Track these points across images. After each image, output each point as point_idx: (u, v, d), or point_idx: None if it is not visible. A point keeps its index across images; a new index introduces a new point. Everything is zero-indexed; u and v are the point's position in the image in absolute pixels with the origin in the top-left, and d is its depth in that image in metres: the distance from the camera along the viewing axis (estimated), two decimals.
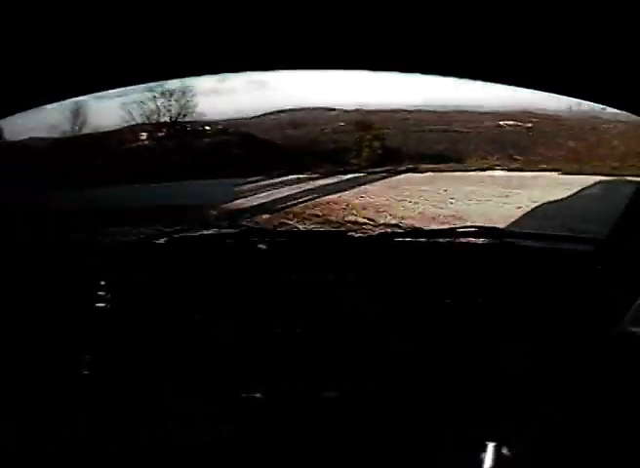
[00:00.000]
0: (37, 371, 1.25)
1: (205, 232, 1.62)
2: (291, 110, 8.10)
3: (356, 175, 6.98)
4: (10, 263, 1.37)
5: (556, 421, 1.11)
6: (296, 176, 6.91)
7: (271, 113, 8.16)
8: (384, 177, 6.74)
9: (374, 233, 1.58)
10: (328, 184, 6.60)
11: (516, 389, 1.21)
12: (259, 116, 8.16)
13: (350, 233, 1.61)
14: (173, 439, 1.15)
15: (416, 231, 1.56)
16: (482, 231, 1.50)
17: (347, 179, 6.84)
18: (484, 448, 1.08)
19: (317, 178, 6.86)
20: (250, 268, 1.45)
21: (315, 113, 8.01)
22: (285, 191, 6.26)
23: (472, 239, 1.50)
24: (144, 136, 8.20)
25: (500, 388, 1.23)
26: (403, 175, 6.70)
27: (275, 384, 1.28)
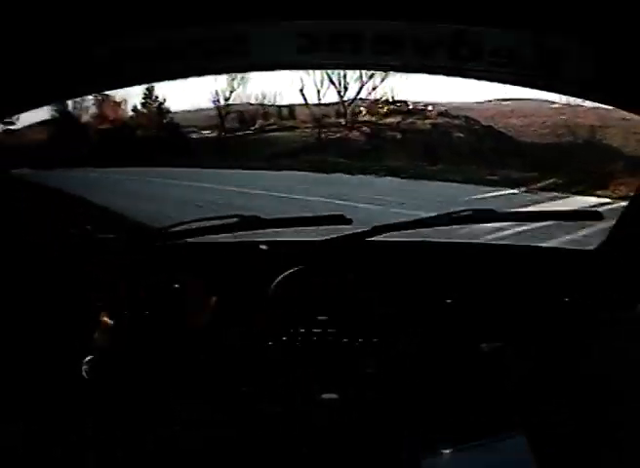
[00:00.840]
0: (43, 375, 1.26)
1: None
2: (513, 100, 7.49)
3: None
4: None
5: (558, 421, 1.12)
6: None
7: (493, 100, 7.58)
8: None
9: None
10: None
11: (519, 389, 1.22)
12: (481, 102, 7.57)
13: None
14: (178, 441, 1.17)
15: (414, 222, 1.51)
16: (476, 214, 1.46)
17: None
18: (484, 449, 1.09)
19: None
20: (250, 269, 1.45)
21: (535, 104, 7.27)
22: None
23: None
24: (363, 111, 7.75)
25: (502, 388, 1.25)
26: None
27: (277, 386, 1.29)
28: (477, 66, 1.25)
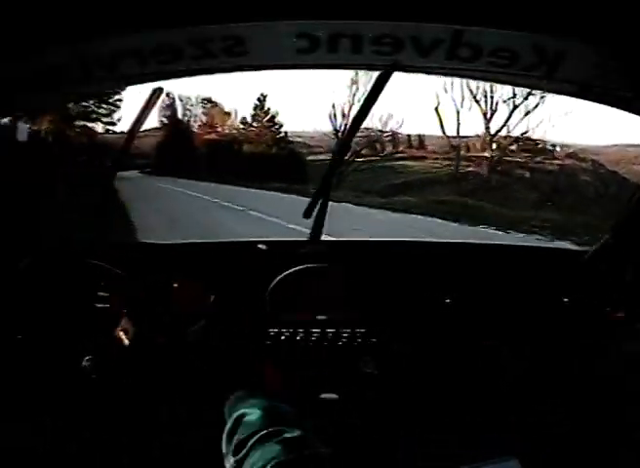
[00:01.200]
0: (49, 383, 1.26)
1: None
2: (637, 146, 7.39)
3: None
4: None
5: (553, 421, 1.13)
6: None
7: (617, 145, 7.47)
8: None
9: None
10: None
11: (515, 389, 1.24)
12: (606, 146, 7.45)
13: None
14: (181, 442, 1.17)
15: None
16: None
17: None
18: (484, 449, 1.10)
19: None
20: (249, 270, 1.45)
21: None
22: None
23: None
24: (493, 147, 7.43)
25: (499, 389, 1.26)
26: None
27: (277, 385, 1.30)
28: (477, 67, 1.25)
